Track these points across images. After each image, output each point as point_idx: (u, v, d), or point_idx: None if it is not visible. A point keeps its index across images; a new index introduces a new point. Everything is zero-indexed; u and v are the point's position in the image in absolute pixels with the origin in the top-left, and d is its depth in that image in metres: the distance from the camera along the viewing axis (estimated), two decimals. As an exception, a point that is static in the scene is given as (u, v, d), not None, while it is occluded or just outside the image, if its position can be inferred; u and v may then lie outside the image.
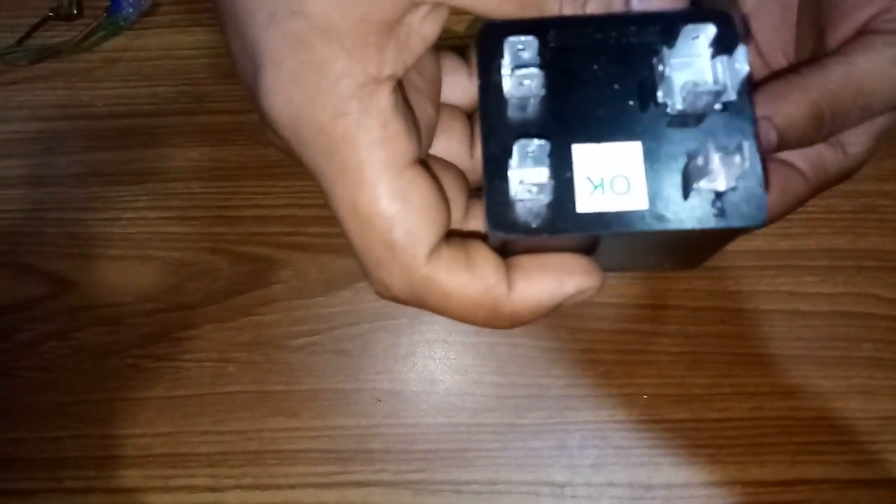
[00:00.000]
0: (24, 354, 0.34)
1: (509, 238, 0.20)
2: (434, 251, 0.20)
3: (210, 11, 0.39)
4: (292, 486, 0.32)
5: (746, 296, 0.34)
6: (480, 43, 0.21)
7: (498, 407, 0.33)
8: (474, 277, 0.21)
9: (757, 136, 0.21)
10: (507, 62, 0.21)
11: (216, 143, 0.37)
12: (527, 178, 0.20)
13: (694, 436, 0.32)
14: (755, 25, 0.26)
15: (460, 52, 0.24)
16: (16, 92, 0.38)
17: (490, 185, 0.20)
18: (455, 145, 0.24)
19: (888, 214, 0.35)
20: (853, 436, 0.32)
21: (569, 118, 0.21)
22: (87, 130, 0.37)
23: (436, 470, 0.32)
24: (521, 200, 0.20)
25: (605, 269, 0.22)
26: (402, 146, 0.20)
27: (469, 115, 0.25)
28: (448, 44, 0.30)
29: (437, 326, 0.34)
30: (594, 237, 0.21)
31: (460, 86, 0.24)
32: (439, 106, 0.23)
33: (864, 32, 0.23)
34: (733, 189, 0.20)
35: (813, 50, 0.25)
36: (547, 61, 0.21)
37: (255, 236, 0.35)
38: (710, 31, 0.20)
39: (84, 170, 0.36)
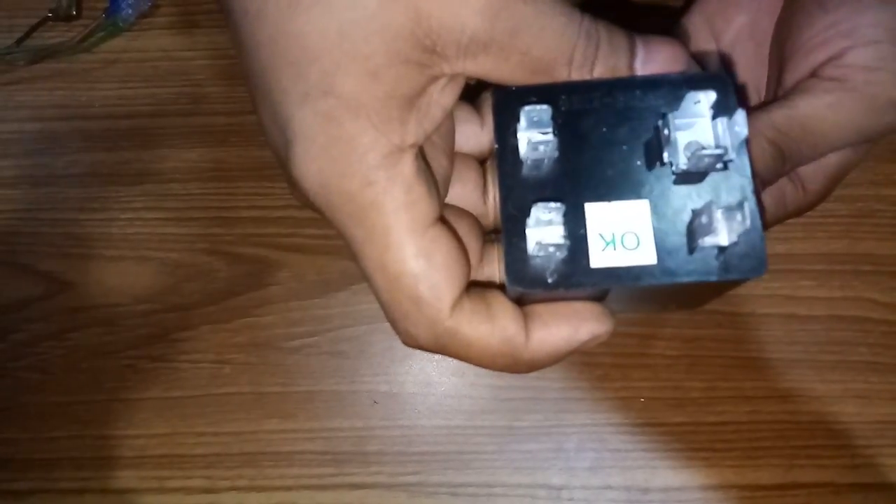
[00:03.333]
0: (19, 355, 0.34)
1: (528, 293, 0.22)
2: (457, 304, 0.22)
3: (209, 13, 0.39)
4: (288, 488, 0.32)
5: (743, 300, 0.34)
6: (496, 108, 0.23)
7: (495, 409, 0.33)
8: (494, 328, 0.22)
9: (756, 194, 0.22)
10: (522, 127, 0.22)
11: (214, 145, 0.37)
12: (543, 237, 0.21)
13: (691, 439, 0.32)
14: (731, 61, 0.28)
15: (472, 100, 0.25)
16: (14, 92, 0.38)
17: (509, 244, 0.22)
18: (469, 193, 0.25)
19: (885, 219, 0.35)
20: (850, 440, 0.32)
21: (581, 178, 0.22)
22: (85, 131, 0.37)
23: (432, 472, 0.32)
24: (539, 257, 0.21)
25: (613, 312, 0.24)
26: (425, 208, 0.22)
27: (481, 162, 0.26)
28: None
29: (435, 329, 0.34)
30: (606, 289, 0.22)
31: (473, 135, 0.25)
32: (453, 157, 0.25)
33: (813, 76, 0.25)
34: (735, 243, 0.21)
35: (774, 90, 0.27)
36: (559, 125, 0.22)
37: (253, 238, 0.35)
38: (710, 96, 0.22)
39: (82, 170, 0.36)
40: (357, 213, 0.21)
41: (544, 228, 0.21)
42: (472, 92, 0.24)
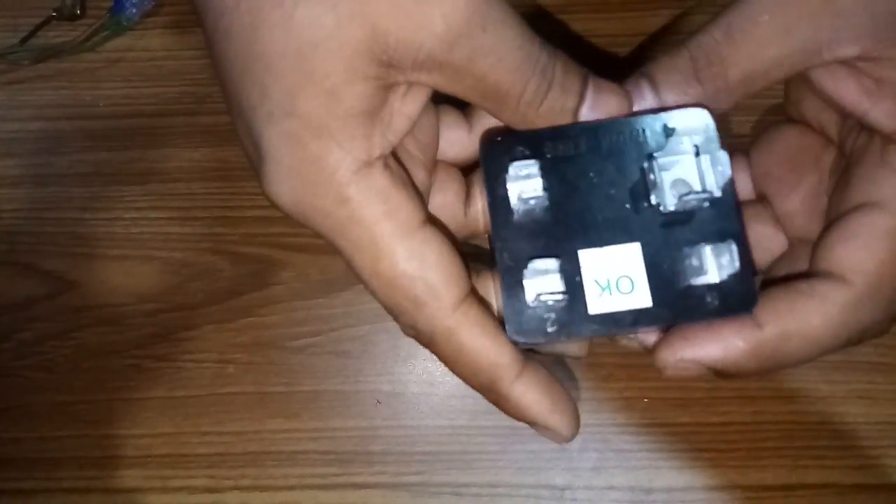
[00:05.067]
0: (24, 354, 0.34)
1: (531, 343, 0.22)
2: (461, 306, 0.22)
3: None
4: (291, 488, 0.32)
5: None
6: (484, 159, 0.24)
7: (498, 410, 0.33)
8: (493, 347, 0.22)
9: (741, 230, 0.22)
10: (511, 178, 0.23)
11: (218, 144, 0.37)
12: (542, 289, 0.22)
13: (695, 440, 0.32)
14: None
15: (461, 107, 0.25)
16: (18, 91, 0.38)
17: (508, 295, 0.22)
18: (449, 203, 0.25)
19: (890, 219, 0.34)
20: (854, 440, 0.32)
21: (572, 225, 0.23)
22: (89, 130, 0.37)
23: (435, 472, 0.32)
24: (538, 307, 0.22)
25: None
26: (407, 213, 0.22)
27: (468, 170, 0.26)
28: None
29: (438, 328, 0.34)
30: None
31: (459, 141, 0.25)
32: (434, 168, 0.25)
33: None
34: (724, 280, 0.22)
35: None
36: (547, 173, 0.23)
37: (257, 237, 0.35)
38: (695, 137, 0.22)
39: (86, 170, 0.37)
40: (338, 229, 0.22)
41: (541, 279, 0.22)
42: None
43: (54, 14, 0.39)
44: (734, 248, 0.22)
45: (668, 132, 0.22)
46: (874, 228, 0.22)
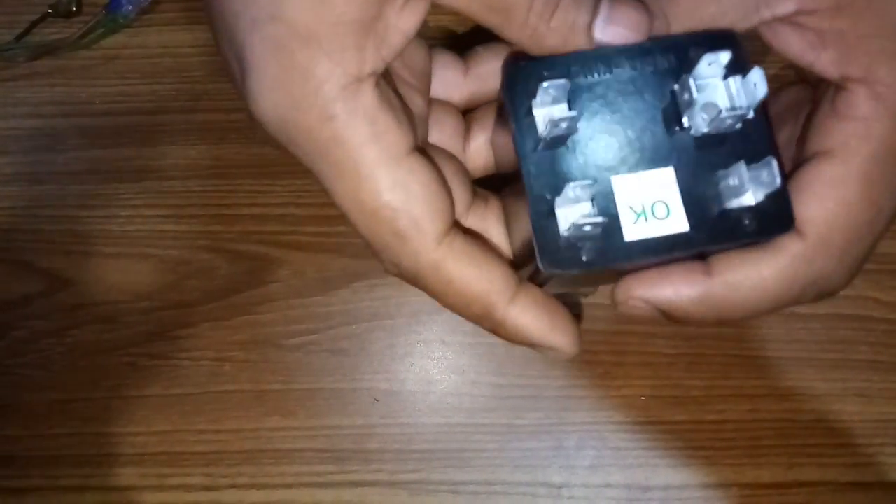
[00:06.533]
0: (19, 352, 0.34)
1: (566, 274, 0.21)
2: (445, 238, 0.21)
3: (209, 9, 0.39)
4: (288, 486, 0.32)
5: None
6: (508, 85, 0.22)
7: (495, 407, 0.33)
8: (481, 273, 0.22)
9: (775, 150, 0.21)
10: (539, 104, 0.22)
11: (214, 142, 0.37)
12: (577, 216, 0.20)
13: (691, 438, 0.32)
14: None
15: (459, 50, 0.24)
16: (14, 89, 0.38)
17: (538, 226, 0.21)
18: (447, 139, 0.24)
19: (887, 217, 0.35)
20: (851, 438, 0.32)
21: (603, 152, 0.22)
22: (84, 128, 0.37)
23: (433, 470, 0.32)
24: (571, 237, 0.21)
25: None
26: (394, 138, 0.20)
27: (462, 112, 0.25)
28: (446, 44, 0.30)
29: (435, 327, 0.34)
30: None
31: (453, 83, 0.24)
32: (429, 99, 0.24)
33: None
34: (761, 202, 0.21)
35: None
36: (574, 97, 0.22)
37: (253, 235, 0.35)
38: (724, 56, 0.21)
39: (81, 167, 0.36)
40: (321, 150, 0.20)
41: (574, 206, 0.21)
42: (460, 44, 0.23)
43: (50, 11, 0.38)
44: (773, 163, 0.20)
45: (697, 55, 0.21)
46: (824, 177, 0.22)
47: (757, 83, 0.21)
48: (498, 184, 0.26)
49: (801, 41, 0.22)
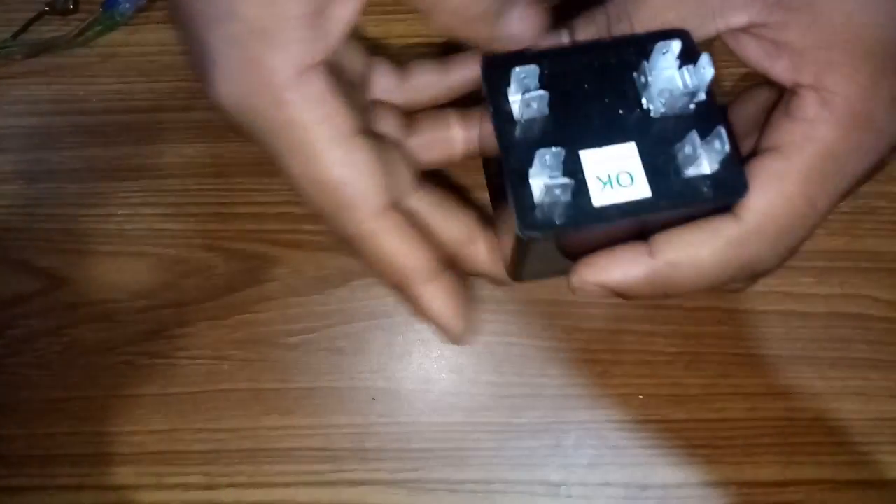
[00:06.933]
0: (17, 351, 0.34)
1: (541, 236, 0.23)
2: (384, 212, 0.24)
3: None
4: (286, 485, 0.32)
5: (743, 296, 0.34)
6: (486, 73, 0.25)
7: (493, 406, 0.33)
8: (409, 251, 0.25)
9: (727, 125, 0.24)
10: (513, 89, 0.25)
11: (212, 140, 0.36)
12: (547, 182, 0.23)
13: (690, 436, 0.32)
14: None
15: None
16: (10, 86, 0.38)
17: (515, 194, 0.24)
18: (391, 130, 0.27)
19: (885, 216, 0.35)
20: (849, 437, 0.32)
21: (571, 130, 0.25)
22: (82, 126, 0.37)
23: (431, 469, 0.32)
24: (545, 203, 0.23)
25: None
26: (342, 119, 0.23)
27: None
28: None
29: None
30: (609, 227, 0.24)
31: (390, 89, 0.28)
32: (368, 94, 0.27)
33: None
34: (717, 171, 0.24)
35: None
36: (546, 86, 0.25)
37: (251, 233, 0.35)
38: (676, 46, 0.24)
39: (79, 165, 0.36)
40: (276, 131, 0.23)
41: (546, 173, 0.23)
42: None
43: (47, 9, 0.38)
44: (722, 130, 0.23)
45: (658, 49, 0.24)
46: (769, 170, 0.24)
47: (705, 67, 0.24)
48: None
49: (758, 49, 0.25)
